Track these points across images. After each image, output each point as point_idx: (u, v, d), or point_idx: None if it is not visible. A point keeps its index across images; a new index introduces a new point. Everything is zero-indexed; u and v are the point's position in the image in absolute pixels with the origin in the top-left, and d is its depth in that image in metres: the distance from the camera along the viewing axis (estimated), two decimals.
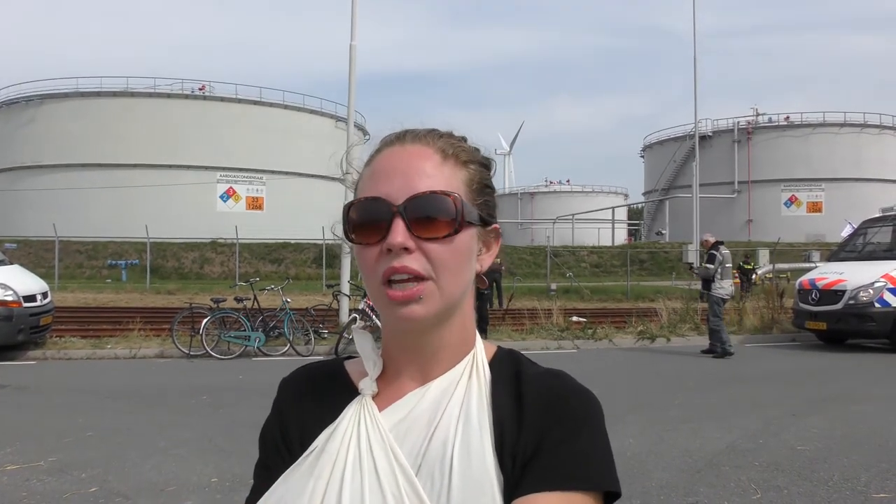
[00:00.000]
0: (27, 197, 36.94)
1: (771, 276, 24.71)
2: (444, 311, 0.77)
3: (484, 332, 10.85)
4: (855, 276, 11.30)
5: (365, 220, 0.76)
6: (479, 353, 0.83)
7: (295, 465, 0.79)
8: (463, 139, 0.84)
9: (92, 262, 31.31)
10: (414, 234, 0.74)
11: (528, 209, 67.62)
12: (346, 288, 12.67)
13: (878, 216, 13.18)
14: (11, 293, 9.57)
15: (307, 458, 0.79)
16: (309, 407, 0.85)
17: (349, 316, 11.34)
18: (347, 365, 0.89)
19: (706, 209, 38.52)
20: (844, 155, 46.11)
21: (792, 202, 47.31)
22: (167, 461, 4.84)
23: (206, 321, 10.18)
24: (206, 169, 37.82)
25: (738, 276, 22.58)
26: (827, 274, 11.95)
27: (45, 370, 9.18)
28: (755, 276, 24.20)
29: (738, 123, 49.29)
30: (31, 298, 9.90)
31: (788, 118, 48.89)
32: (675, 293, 19.69)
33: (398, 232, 0.74)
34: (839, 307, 11.17)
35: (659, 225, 49.61)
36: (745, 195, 47.77)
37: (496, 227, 0.84)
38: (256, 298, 10.95)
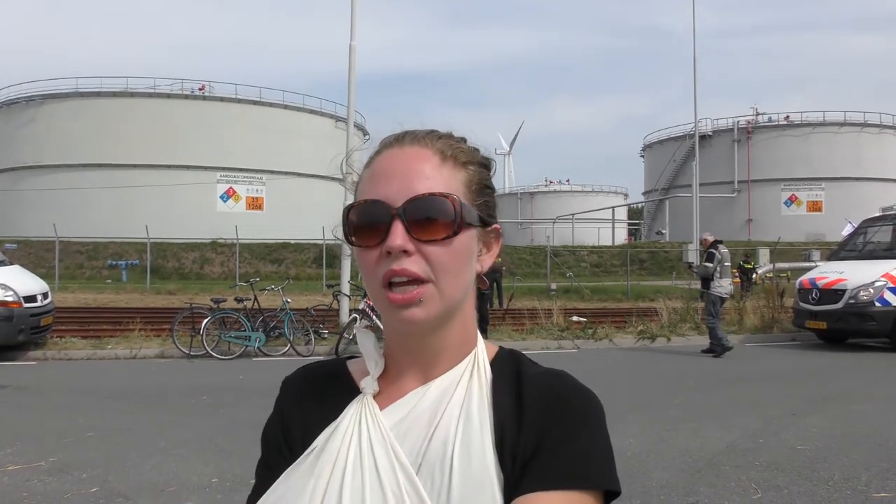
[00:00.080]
0: (27, 197, 36.95)
1: (771, 275, 24.71)
2: (444, 313, 0.77)
3: (484, 332, 10.86)
4: (855, 275, 11.30)
5: (364, 222, 0.77)
6: (480, 352, 0.83)
7: (296, 463, 0.80)
8: (462, 140, 0.84)
9: (92, 262, 31.33)
10: (413, 236, 0.74)
11: (527, 209, 67.62)
12: (346, 288, 12.67)
13: (878, 215, 13.17)
14: (12, 293, 9.58)
15: (308, 456, 0.79)
16: (311, 406, 0.85)
17: (349, 316, 11.34)
18: (350, 365, 0.90)
19: (706, 209, 38.51)
20: (844, 154, 46.10)
21: (792, 201, 47.31)
22: (168, 461, 4.85)
23: (206, 321, 10.19)
24: (206, 169, 37.83)
25: (738, 275, 22.59)
26: (827, 273, 11.95)
27: (45, 370, 9.18)
28: (755, 275, 24.19)
29: (737, 123, 49.28)
30: (31, 299, 9.91)
31: (788, 118, 48.88)
32: (675, 293, 19.68)
33: (397, 235, 0.74)
34: (839, 306, 11.17)
35: (659, 224, 49.61)
36: (745, 195, 47.77)
37: (496, 227, 0.84)
38: (257, 299, 10.96)
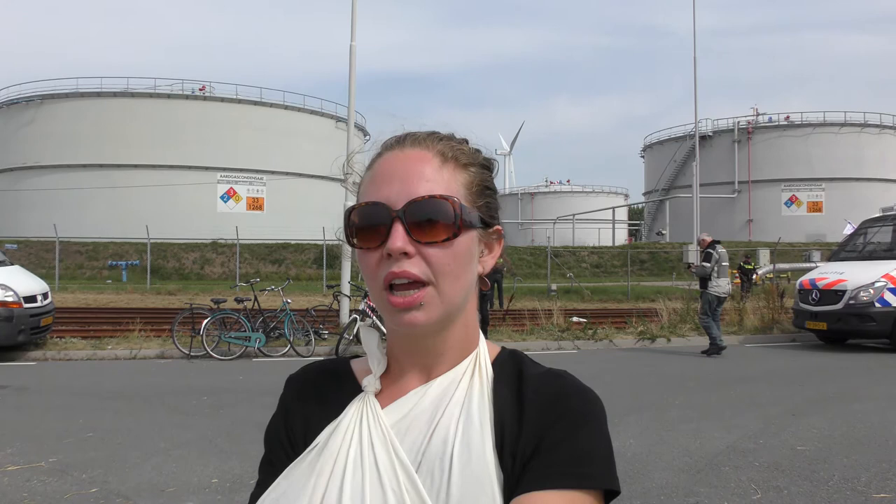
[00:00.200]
0: (27, 197, 36.96)
1: (771, 276, 24.75)
2: (445, 316, 0.78)
3: (485, 332, 10.81)
4: (855, 275, 11.30)
5: (365, 224, 0.77)
6: (482, 352, 0.84)
7: (297, 460, 0.80)
8: (464, 142, 0.84)
9: (92, 262, 31.34)
10: (413, 238, 0.75)
11: (528, 209, 67.64)
12: (346, 288, 12.68)
13: (878, 216, 13.16)
14: (12, 294, 9.58)
15: (310, 453, 0.80)
16: (313, 404, 0.86)
17: (350, 317, 11.34)
18: (353, 364, 0.91)
19: (706, 209, 38.52)
20: (845, 154, 46.11)
21: (792, 202, 47.32)
22: (168, 462, 4.85)
23: (206, 322, 10.19)
24: (206, 169, 37.84)
25: (738, 276, 22.61)
26: (827, 274, 11.95)
27: (45, 371, 9.18)
28: (756, 276, 24.19)
29: (738, 123, 49.30)
30: (31, 299, 9.91)
31: (788, 118, 48.89)
32: (675, 293, 19.69)
33: (397, 237, 0.74)
34: (839, 307, 11.17)
35: (659, 225, 49.62)
36: (745, 195, 47.78)
37: (498, 228, 0.84)
38: (257, 299, 10.96)
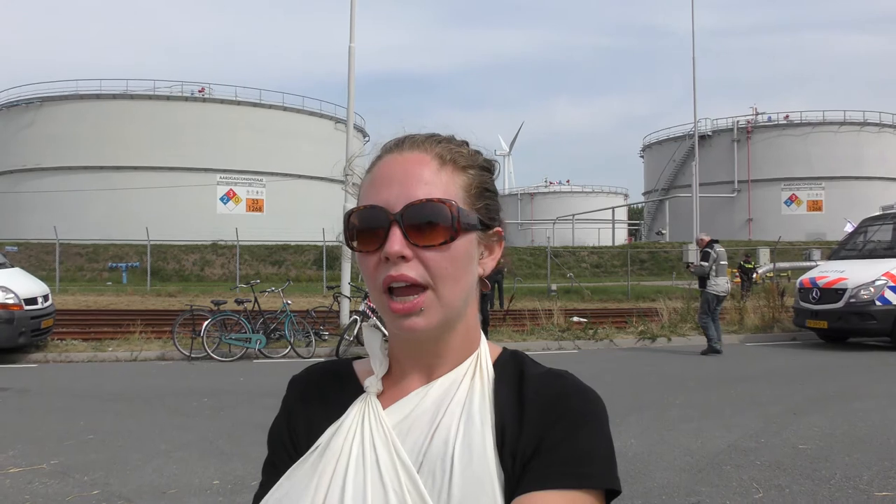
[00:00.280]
0: (27, 200, 36.96)
1: (772, 274, 24.74)
2: (445, 320, 0.78)
3: (485, 332, 10.80)
4: (856, 274, 11.30)
5: (364, 227, 0.77)
6: (483, 353, 0.84)
7: (300, 461, 0.81)
8: (463, 143, 0.84)
9: (92, 264, 31.34)
10: (411, 241, 0.75)
11: (528, 210, 67.66)
12: (346, 290, 12.68)
13: (878, 214, 13.16)
14: (12, 296, 9.58)
15: (312, 454, 0.80)
16: (316, 405, 0.86)
17: (350, 318, 11.34)
18: (356, 365, 0.91)
19: (706, 209, 38.54)
20: (844, 153, 46.10)
21: (792, 201, 47.31)
22: (169, 464, 4.84)
23: (206, 323, 10.19)
24: (206, 171, 37.83)
25: (738, 275, 22.61)
26: (827, 272, 11.94)
27: (46, 373, 9.18)
28: (756, 275, 24.18)
29: (737, 123, 49.29)
30: (32, 301, 9.91)
31: (788, 117, 48.89)
32: (675, 293, 19.67)
33: (395, 240, 0.74)
34: (840, 305, 11.17)
35: (659, 225, 49.61)
36: (745, 194, 47.78)
37: (498, 230, 0.84)
38: (257, 300, 10.96)
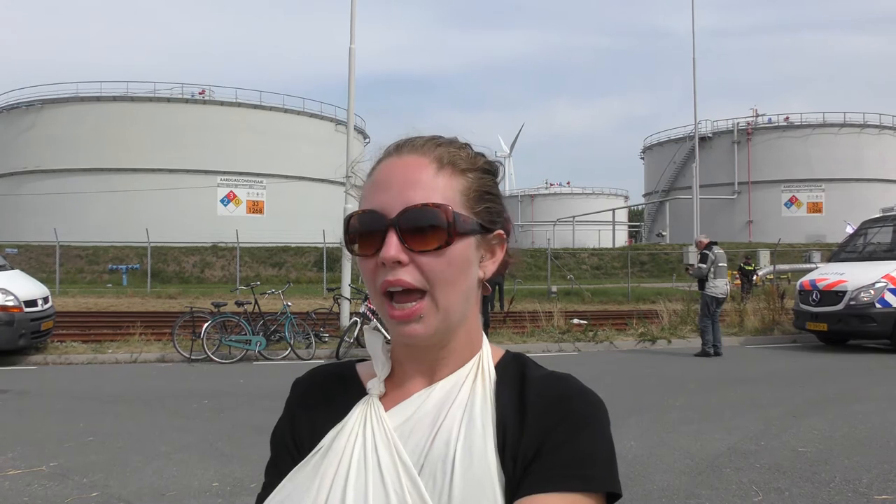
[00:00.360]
0: (28, 202, 36.98)
1: (772, 277, 24.74)
2: (444, 325, 0.78)
3: (486, 334, 10.79)
4: (856, 276, 11.29)
5: (362, 231, 0.78)
6: (485, 355, 0.84)
7: (302, 463, 0.81)
8: (465, 146, 0.84)
9: (93, 266, 31.34)
10: (407, 246, 0.75)
11: (528, 211, 67.65)
12: (346, 291, 12.68)
13: (878, 216, 13.16)
14: (13, 298, 9.58)
15: (314, 456, 0.81)
16: (319, 407, 0.87)
17: (350, 320, 11.34)
18: (359, 367, 0.91)
19: (706, 210, 38.54)
20: (844, 155, 46.12)
21: (792, 203, 47.31)
22: (168, 466, 4.84)
23: (206, 325, 10.19)
24: (206, 173, 37.86)
25: (739, 277, 22.61)
26: (828, 275, 11.94)
27: (46, 375, 9.18)
28: (756, 277, 24.18)
29: (737, 124, 49.32)
30: (32, 303, 9.91)
31: (788, 119, 48.90)
32: (675, 295, 19.66)
33: (391, 245, 0.75)
34: (840, 308, 11.16)
35: (659, 226, 49.62)
36: (745, 196, 47.79)
37: (499, 233, 0.84)
38: (257, 302, 10.96)
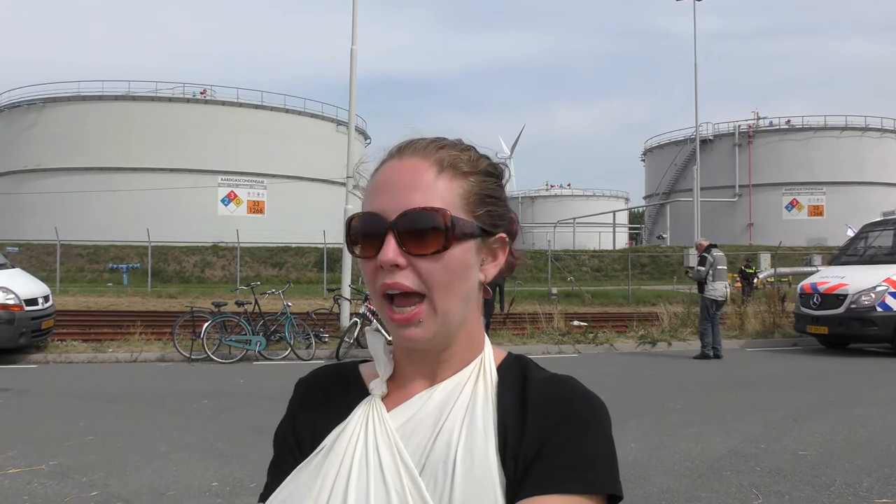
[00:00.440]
0: (29, 200, 37.00)
1: (772, 280, 24.70)
2: (444, 329, 0.78)
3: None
4: (856, 280, 11.28)
5: (363, 234, 0.78)
6: (487, 357, 0.84)
7: (304, 463, 0.81)
8: (468, 148, 0.83)
9: (93, 265, 31.36)
10: (405, 249, 0.75)
11: (528, 213, 67.63)
12: (346, 292, 12.68)
13: (879, 220, 13.14)
14: (13, 297, 9.58)
15: (316, 456, 0.81)
16: (322, 407, 0.87)
17: (350, 320, 11.34)
18: (361, 368, 0.91)
19: (707, 213, 38.52)
20: (846, 158, 46.10)
21: (793, 206, 47.29)
22: (168, 465, 4.84)
23: (207, 325, 10.20)
24: (207, 173, 37.87)
25: (739, 280, 22.60)
26: (828, 278, 11.93)
27: (46, 374, 9.18)
28: (757, 280, 24.17)
29: (738, 127, 49.29)
30: (32, 302, 9.91)
31: (789, 122, 48.88)
32: (676, 297, 19.64)
33: (389, 249, 0.75)
34: (841, 311, 11.15)
35: (660, 229, 49.62)
36: (746, 199, 47.77)
37: (501, 236, 0.83)
38: (257, 302, 10.96)
